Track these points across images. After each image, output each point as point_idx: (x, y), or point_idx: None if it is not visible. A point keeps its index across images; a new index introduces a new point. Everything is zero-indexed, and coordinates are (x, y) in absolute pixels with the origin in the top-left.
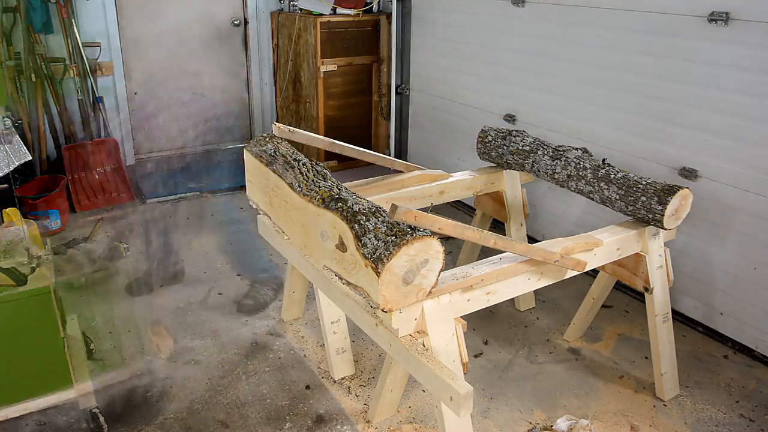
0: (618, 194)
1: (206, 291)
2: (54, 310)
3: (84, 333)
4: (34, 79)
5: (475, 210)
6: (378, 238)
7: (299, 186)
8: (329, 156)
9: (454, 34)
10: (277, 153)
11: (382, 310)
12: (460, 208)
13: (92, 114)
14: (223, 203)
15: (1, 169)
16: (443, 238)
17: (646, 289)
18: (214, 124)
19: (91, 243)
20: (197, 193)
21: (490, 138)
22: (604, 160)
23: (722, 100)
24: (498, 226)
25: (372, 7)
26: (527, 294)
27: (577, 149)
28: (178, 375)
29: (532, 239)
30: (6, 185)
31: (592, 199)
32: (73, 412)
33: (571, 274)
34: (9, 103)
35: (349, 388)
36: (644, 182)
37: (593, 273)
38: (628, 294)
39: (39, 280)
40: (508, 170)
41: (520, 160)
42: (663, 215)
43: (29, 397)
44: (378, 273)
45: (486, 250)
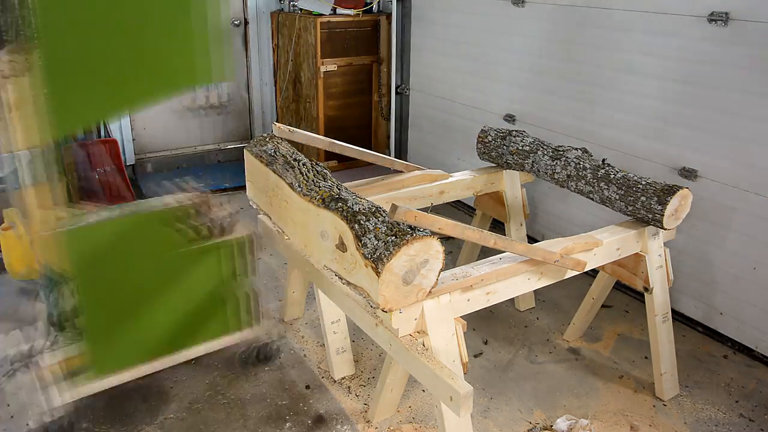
0: (618, 194)
1: None
2: (250, 257)
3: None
4: None
5: (475, 210)
6: (378, 238)
7: (299, 186)
8: (329, 156)
9: (454, 34)
10: (277, 153)
11: (382, 310)
12: (460, 208)
13: None
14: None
15: (1, 169)
16: (443, 238)
17: (646, 289)
18: (214, 123)
19: None
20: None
21: (490, 138)
22: (604, 160)
23: (722, 100)
24: (498, 226)
25: (372, 7)
26: (527, 294)
27: (577, 149)
28: (178, 375)
29: (532, 239)
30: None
31: (592, 199)
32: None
33: (571, 274)
34: None
35: (349, 388)
36: (644, 182)
37: (593, 273)
38: (628, 294)
39: (237, 233)
40: (508, 170)
41: (520, 160)
42: (663, 215)
43: (222, 334)
44: (378, 273)
45: (486, 250)
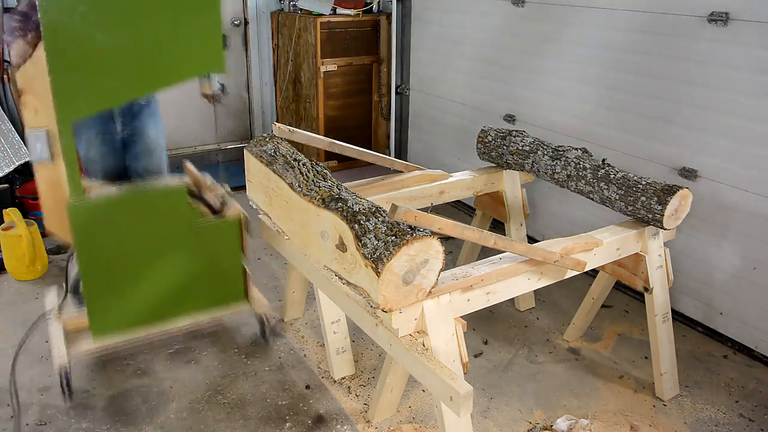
0: (618, 194)
1: None
2: (244, 236)
3: None
4: None
5: (475, 210)
6: (378, 238)
7: (299, 186)
8: (329, 156)
9: (454, 34)
10: (278, 153)
11: (382, 310)
12: (460, 208)
13: None
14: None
15: (2, 168)
16: (443, 238)
17: (646, 289)
18: (215, 123)
19: None
20: None
21: (490, 138)
22: (604, 160)
23: (722, 100)
24: (498, 226)
25: (372, 7)
26: (527, 294)
27: (577, 149)
28: (179, 375)
29: (532, 239)
30: (6, 185)
31: (592, 199)
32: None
33: (571, 274)
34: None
35: (349, 388)
36: (644, 182)
37: (593, 273)
38: (628, 294)
39: (232, 212)
40: (508, 170)
41: (520, 160)
42: (663, 215)
43: (220, 305)
44: (378, 273)
45: (486, 250)
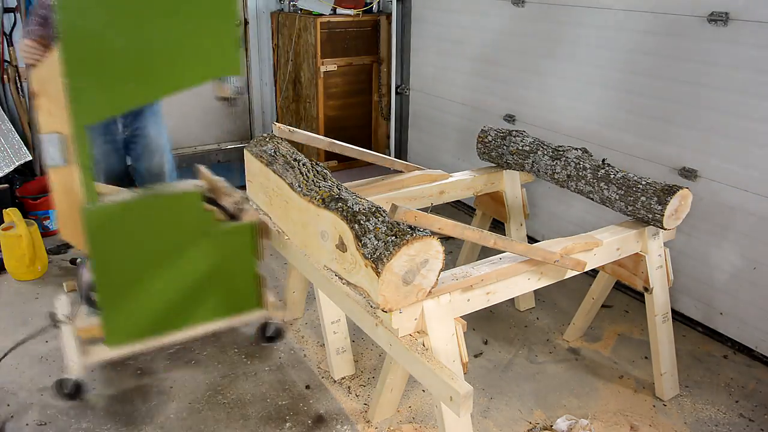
0: (618, 194)
1: None
2: (257, 241)
3: None
4: None
5: (475, 210)
6: (378, 238)
7: (299, 186)
8: (329, 156)
9: (454, 34)
10: (278, 153)
11: (382, 310)
12: (460, 208)
13: None
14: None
15: (2, 168)
16: (443, 238)
17: (646, 289)
18: (214, 123)
19: None
20: None
21: (490, 138)
22: (604, 160)
23: (722, 100)
24: (498, 226)
25: (372, 7)
26: (527, 294)
27: (577, 149)
28: (178, 375)
29: (532, 239)
30: (6, 185)
31: (592, 199)
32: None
33: (571, 274)
34: (11, 104)
35: (349, 388)
36: (644, 182)
37: (593, 273)
38: (628, 294)
39: (248, 217)
40: (508, 170)
41: (520, 160)
42: (663, 215)
43: (235, 312)
44: (378, 273)
45: (486, 250)
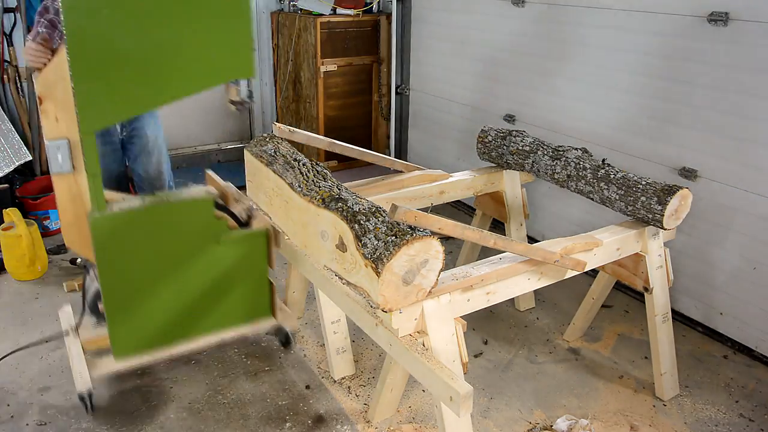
0: (618, 194)
1: None
2: (268, 249)
3: None
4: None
5: (475, 210)
6: (378, 238)
7: (299, 186)
8: (329, 156)
9: (454, 34)
10: (278, 153)
11: (382, 310)
12: (460, 208)
13: None
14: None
15: (2, 168)
16: (443, 238)
17: (646, 289)
18: (215, 123)
19: None
20: None
21: (490, 138)
22: (604, 160)
23: (722, 100)
24: (498, 226)
25: (372, 7)
26: (527, 294)
27: (577, 149)
28: (178, 375)
29: (532, 239)
30: (6, 185)
31: (592, 199)
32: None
33: (571, 274)
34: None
35: (349, 388)
36: (644, 182)
37: (593, 273)
38: (628, 294)
39: (259, 224)
40: (508, 170)
41: (520, 160)
42: (663, 215)
43: (246, 321)
44: (378, 273)
45: (486, 250)
